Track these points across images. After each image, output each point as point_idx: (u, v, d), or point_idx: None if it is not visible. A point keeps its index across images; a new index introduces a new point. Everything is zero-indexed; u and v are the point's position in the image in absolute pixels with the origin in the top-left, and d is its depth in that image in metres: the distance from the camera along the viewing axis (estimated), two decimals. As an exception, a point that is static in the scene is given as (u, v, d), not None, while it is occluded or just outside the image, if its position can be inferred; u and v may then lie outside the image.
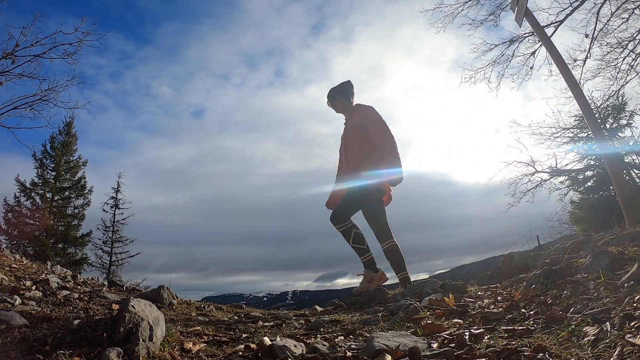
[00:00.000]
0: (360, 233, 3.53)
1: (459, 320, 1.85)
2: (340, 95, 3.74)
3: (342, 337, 1.81)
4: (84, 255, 18.61)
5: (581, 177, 14.71)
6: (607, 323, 1.25)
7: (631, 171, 13.83)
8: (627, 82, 10.20)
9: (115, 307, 1.86)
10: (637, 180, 13.78)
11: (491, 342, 1.40)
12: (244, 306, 3.21)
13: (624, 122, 14.29)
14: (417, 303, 2.40)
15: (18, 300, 1.83)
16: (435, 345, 1.42)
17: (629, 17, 8.63)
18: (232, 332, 1.92)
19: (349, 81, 3.83)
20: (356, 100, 3.86)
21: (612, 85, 10.61)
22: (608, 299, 1.54)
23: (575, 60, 9.58)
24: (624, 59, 9.53)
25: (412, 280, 3.46)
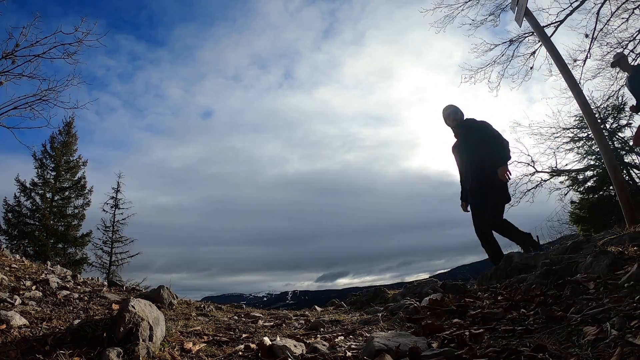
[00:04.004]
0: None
1: (459, 320, 1.85)
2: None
3: (342, 337, 1.81)
4: (84, 255, 18.59)
5: (581, 177, 14.71)
6: (607, 323, 1.25)
7: (631, 171, 13.84)
8: (627, 82, 10.21)
9: (115, 307, 1.86)
10: (637, 180, 13.79)
11: (491, 342, 1.40)
12: (244, 306, 3.21)
13: (624, 122, 14.30)
14: (417, 303, 2.40)
15: (18, 300, 1.83)
16: (435, 345, 1.42)
17: (629, 17, 8.64)
18: (232, 332, 1.92)
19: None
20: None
21: (612, 85, 10.63)
22: (608, 299, 1.54)
23: (575, 60, 9.59)
24: (624, 59, 9.52)
25: (414, 280, 3.43)
